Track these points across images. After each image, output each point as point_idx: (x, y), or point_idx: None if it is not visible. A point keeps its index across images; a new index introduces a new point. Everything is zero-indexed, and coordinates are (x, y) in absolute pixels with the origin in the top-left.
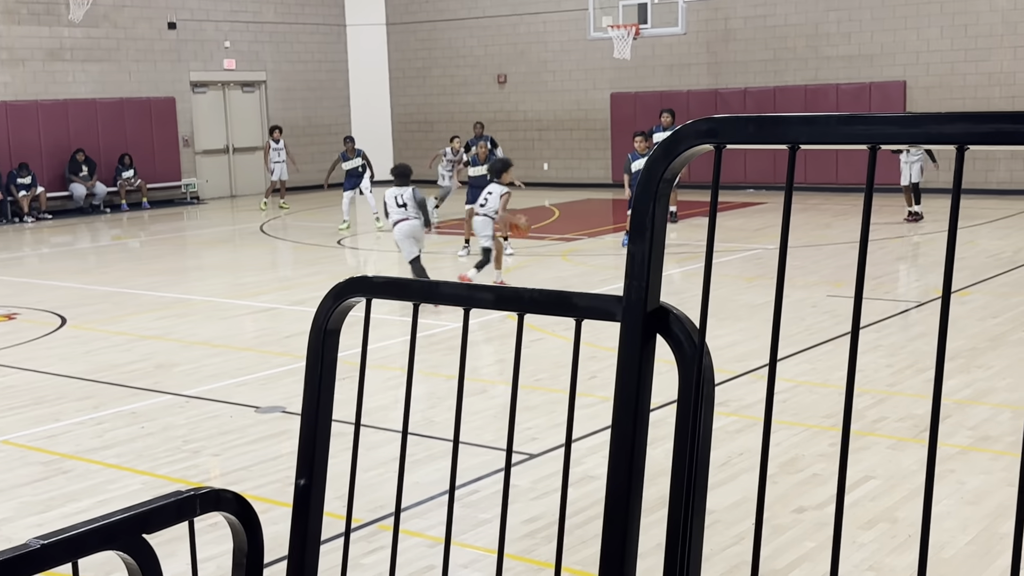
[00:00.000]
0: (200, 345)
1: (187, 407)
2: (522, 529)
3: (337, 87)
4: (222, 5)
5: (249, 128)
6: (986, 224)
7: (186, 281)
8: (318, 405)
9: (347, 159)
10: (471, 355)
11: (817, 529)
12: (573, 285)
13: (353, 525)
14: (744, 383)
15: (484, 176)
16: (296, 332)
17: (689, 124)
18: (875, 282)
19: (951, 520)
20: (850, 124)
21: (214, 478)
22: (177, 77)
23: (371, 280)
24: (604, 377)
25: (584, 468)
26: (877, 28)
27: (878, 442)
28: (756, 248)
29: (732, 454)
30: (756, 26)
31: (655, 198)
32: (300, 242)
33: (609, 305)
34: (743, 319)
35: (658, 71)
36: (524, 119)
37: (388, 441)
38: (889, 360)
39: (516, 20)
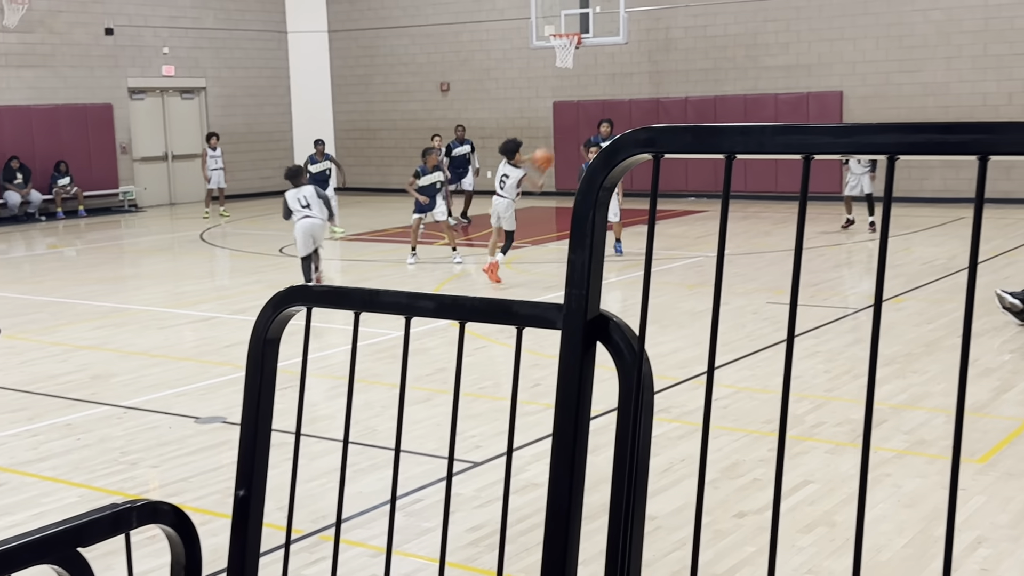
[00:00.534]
0: (138, 355)
1: (125, 418)
2: (466, 537)
3: (278, 94)
4: (160, 11)
5: (188, 135)
6: (921, 232)
7: (124, 290)
8: (258, 415)
9: (315, 162)
10: (415, 363)
11: (757, 533)
12: (516, 293)
13: (294, 536)
14: (686, 389)
15: (435, 185)
16: (236, 341)
17: (628, 133)
18: (813, 289)
19: (888, 523)
20: (785, 134)
21: (152, 490)
22: (115, 83)
23: (311, 289)
24: (547, 385)
25: (528, 476)
26: (814, 39)
27: (817, 447)
28: (698, 256)
29: (674, 460)
30: (696, 36)
31: (595, 206)
32: (240, 250)
33: (549, 313)
34: (685, 326)
35: (600, 80)
36: (467, 127)
37: (330, 451)
38: (827, 366)
39: (459, 28)
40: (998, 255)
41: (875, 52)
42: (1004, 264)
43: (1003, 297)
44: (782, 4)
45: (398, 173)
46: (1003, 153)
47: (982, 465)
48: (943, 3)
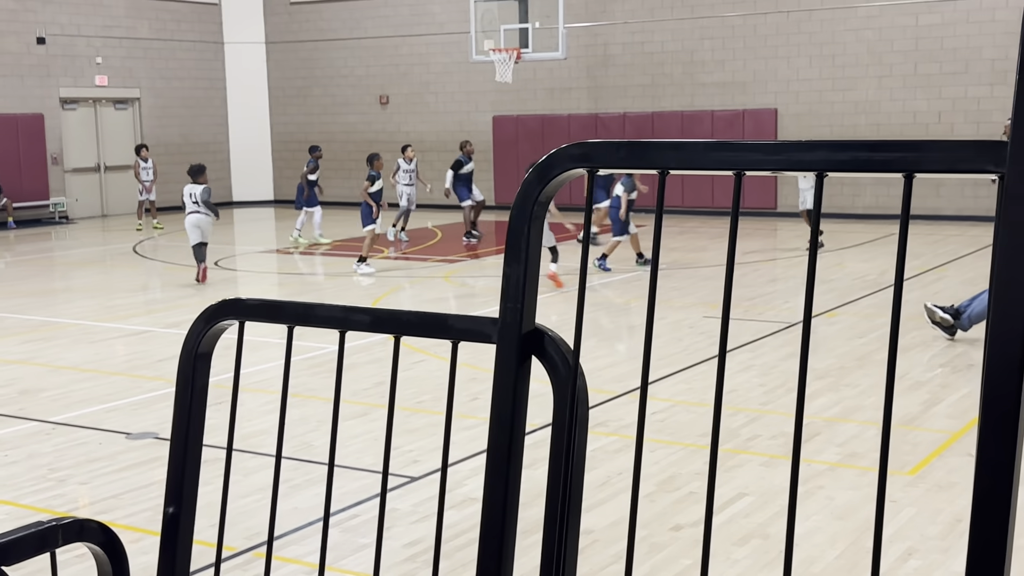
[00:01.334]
0: (68, 370)
1: (53, 434)
2: (402, 553)
3: (214, 105)
4: (94, 20)
5: (122, 146)
6: (853, 247)
7: (54, 303)
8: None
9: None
10: (351, 377)
11: (693, 546)
12: (453, 307)
13: (226, 553)
14: (622, 403)
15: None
16: (169, 356)
17: (562, 148)
18: (748, 303)
19: (820, 535)
20: (717, 150)
21: (81, 507)
22: (46, 93)
23: (244, 302)
24: (485, 399)
25: (465, 490)
26: (750, 56)
27: (751, 459)
28: (635, 271)
29: (611, 474)
30: (634, 52)
31: (530, 220)
32: (174, 263)
33: (485, 327)
34: (622, 340)
35: (539, 95)
36: (406, 140)
37: (264, 467)
38: (762, 379)
39: (398, 41)
40: (927, 271)
41: (808, 71)
42: (933, 279)
43: (932, 312)
44: (718, 23)
45: (336, 186)
46: (928, 171)
47: (912, 477)
48: (875, 23)
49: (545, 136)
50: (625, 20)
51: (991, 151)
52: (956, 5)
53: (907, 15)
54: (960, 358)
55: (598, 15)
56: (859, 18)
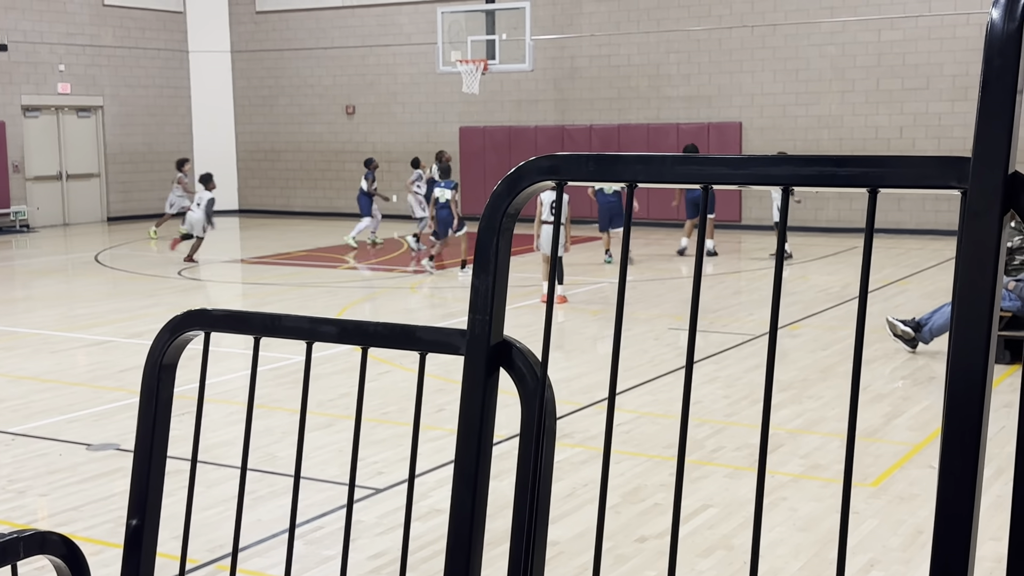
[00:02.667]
0: (28, 380)
1: (13, 445)
2: (367, 565)
3: (179, 113)
4: (57, 27)
5: (84, 154)
6: (816, 260)
7: (13, 313)
8: (152, 442)
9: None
10: (317, 388)
11: (658, 558)
12: (420, 318)
13: (189, 566)
14: (589, 415)
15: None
16: (132, 366)
17: (531, 160)
18: (713, 315)
19: (784, 546)
20: (685, 164)
21: (41, 519)
22: (8, 100)
23: (210, 313)
24: (452, 410)
25: (431, 502)
26: (715, 71)
27: (716, 471)
28: (602, 282)
29: (577, 485)
30: (601, 65)
31: (499, 232)
32: (138, 272)
33: (453, 339)
34: (587, 351)
35: (506, 106)
36: (373, 150)
37: (228, 478)
38: (726, 391)
39: (365, 51)
40: (890, 283)
41: (773, 85)
42: (895, 292)
43: (894, 325)
44: (684, 36)
45: (302, 196)
46: (892, 186)
47: (875, 489)
48: (838, 39)
49: (512, 148)
50: (592, 33)
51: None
52: (918, 21)
53: (870, 31)
54: (921, 371)
55: (565, 28)
56: (822, 33)
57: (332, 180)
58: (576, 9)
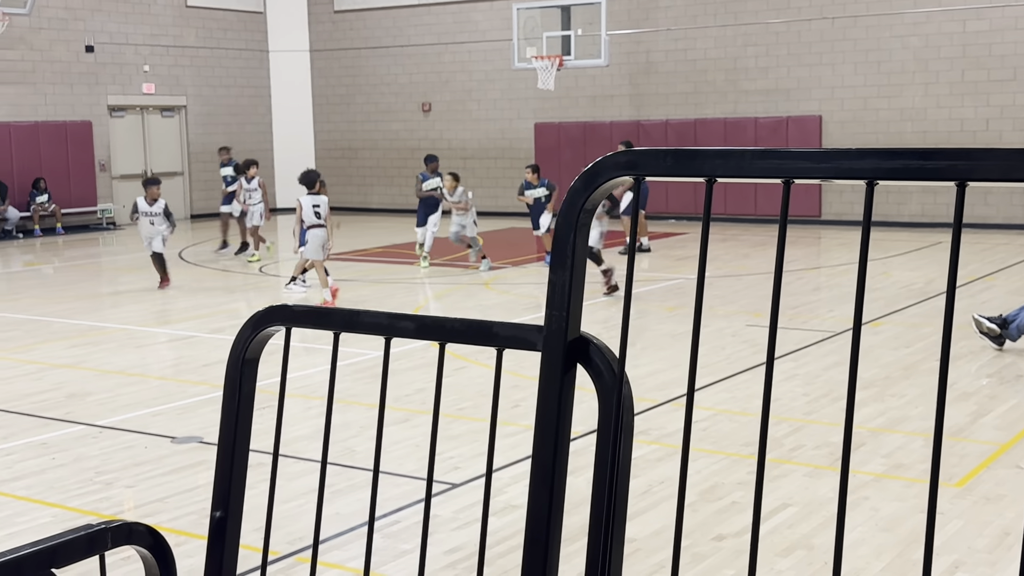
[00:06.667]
0: (115, 374)
1: (100, 438)
2: (443, 560)
3: (259, 113)
4: (142, 29)
5: (168, 153)
6: (899, 256)
7: (101, 308)
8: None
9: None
10: (394, 384)
11: (736, 556)
12: (496, 314)
13: (271, 558)
14: (665, 412)
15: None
16: (214, 361)
17: (609, 156)
18: (792, 312)
19: (865, 547)
20: (765, 159)
21: (127, 510)
22: (94, 101)
23: (291, 308)
24: (527, 406)
25: (506, 497)
26: (794, 64)
27: (795, 470)
28: (678, 278)
29: (653, 482)
30: (677, 59)
31: (576, 228)
32: (220, 269)
33: (530, 335)
34: (664, 348)
35: (581, 102)
36: (448, 147)
37: (308, 471)
38: (806, 389)
39: (441, 49)
40: (975, 280)
41: (854, 77)
42: (981, 289)
43: (980, 322)
44: (762, 29)
45: (379, 193)
46: (981, 179)
47: (960, 489)
48: (921, 30)
49: (587, 143)
50: (668, 27)
51: None
52: (1004, 11)
53: (954, 21)
54: (1008, 369)
55: (641, 22)
56: (905, 24)
57: (408, 177)
58: (652, 3)
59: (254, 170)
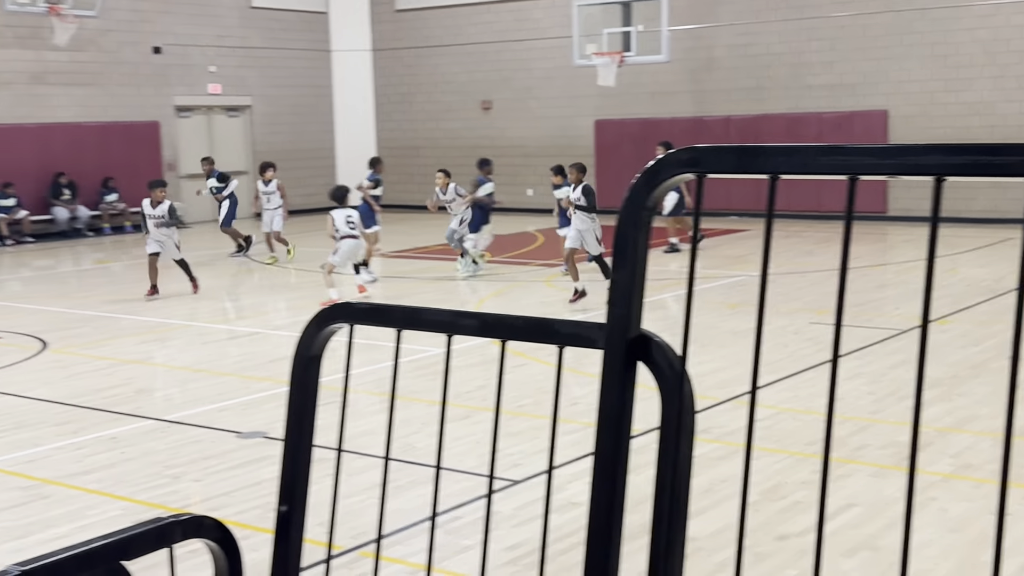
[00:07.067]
0: (182, 370)
1: (168, 432)
2: (504, 556)
3: (322, 112)
4: (208, 30)
5: (234, 152)
6: (967, 252)
7: (168, 305)
8: (300, 431)
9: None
10: (455, 380)
11: (799, 556)
12: (556, 311)
13: (334, 552)
14: (727, 410)
15: None
16: (279, 357)
17: (671, 153)
18: (857, 309)
19: (933, 548)
20: (830, 155)
21: (195, 504)
22: (162, 101)
23: (353, 306)
24: (588, 403)
25: (567, 495)
26: (859, 58)
27: (860, 469)
28: (740, 275)
29: (715, 481)
30: (739, 55)
31: (637, 226)
32: (283, 266)
33: (591, 332)
34: (727, 345)
35: (642, 99)
36: (509, 145)
37: (370, 467)
38: (871, 387)
39: (501, 47)
40: None
41: (920, 71)
42: None
43: None
44: (826, 23)
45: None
46: None
47: None
48: (989, 22)
49: (648, 140)
50: (730, 22)
51: None
52: None
53: (1023, 13)
54: None
55: (702, 17)
56: (973, 17)
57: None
58: None
59: (271, 173)
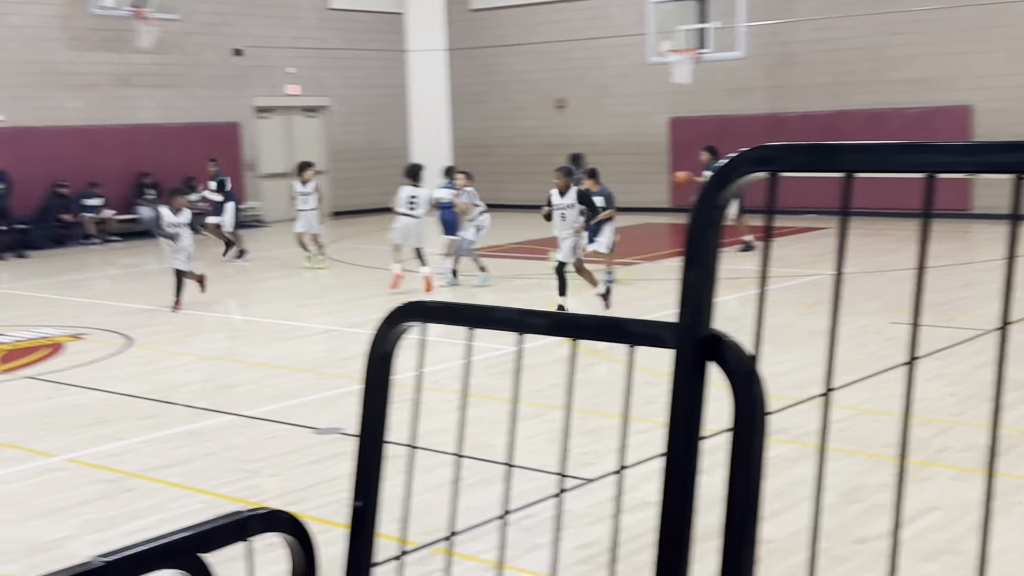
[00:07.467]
0: (260, 366)
1: (247, 427)
2: (576, 555)
3: (398, 111)
4: (286, 32)
5: (311, 152)
6: None
7: (248, 303)
8: (374, 428)
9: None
10: (526, 379)
11: (878, 560)
12: (628, 310)
13: (408, 548)
14: (803, 410)
15: None
16: (353, 354)
17: (744, 151)
18: (939, 309)
19: (1016, 553)
20: (908, 152)
21: (272, 498)
22: (242, 102)
23: (426, 305)
24: (660, 403)
25: (639, 494)
26: (941, 52)
27: (941, 472)
28: (817, 274)
29: (790, 483)
30: (817, 50)
31: (709, 225)
32: (358, 265)
33: (662, 332)
34: (803, 345)
35: (717, 95)
36: (583, 143)
37: (442, 464)
38: (953, 389)
39: (574, 45)
40: None
41: (1005, 65)
42: None
43: None
44: (907, 17)
45: (513, 189)
46: None
47: None
48: None
49: (723, 138)
50: (808, 17)
51: None
52: None
53: None
54: None
55: (779, 13)
56: None
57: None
58: None
59: (310, 172)
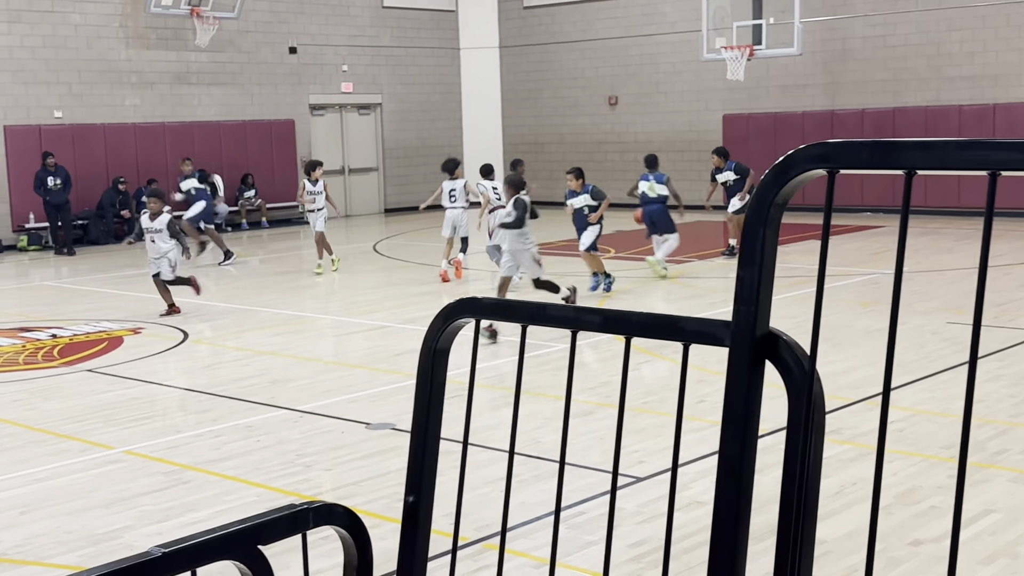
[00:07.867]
0: (314, 361)
1: (301, 422)
2: (628, 553)
3: (450, 109)
4: (341, 30)
5: (364, 149)
6: None
7: (301, 299)
8: (427, 423)
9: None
10: (579, 376)
11: (934, 563)
12: (682, 308)
13: (460, 543)
14: (859, 410)
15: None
16: (406, 350)
17: (801, 149)
18: (998, 309)
19: None
20: (969, 149)
21: (326, 492)
22: (297, 100)
23: (480, 301)
24: (713, 401)
25: (691, 493)
26: (1002, 48)
27: (1000, 475)
28: (874, 273)
29: (846, 483)
30: (875, 46)
31: (765, 223)
32: (410, 261)
33: (717, 330)
34: (859, 345)
35: (772, 92)
36: (635, 140)
37: (495, 460)
38: (1012, 390)
39: (628, 42)
40: None
41: None
42: None
43: None
44: (967, 13)
45: (565, 187)
46: None
47: None
48: None
49: (778, 135)
50: (865, 13)
51: None
52: None
53: None
54: None
55: (836, 8)
56: None
57: (594, 171)
58: None
59: (319, 171)
